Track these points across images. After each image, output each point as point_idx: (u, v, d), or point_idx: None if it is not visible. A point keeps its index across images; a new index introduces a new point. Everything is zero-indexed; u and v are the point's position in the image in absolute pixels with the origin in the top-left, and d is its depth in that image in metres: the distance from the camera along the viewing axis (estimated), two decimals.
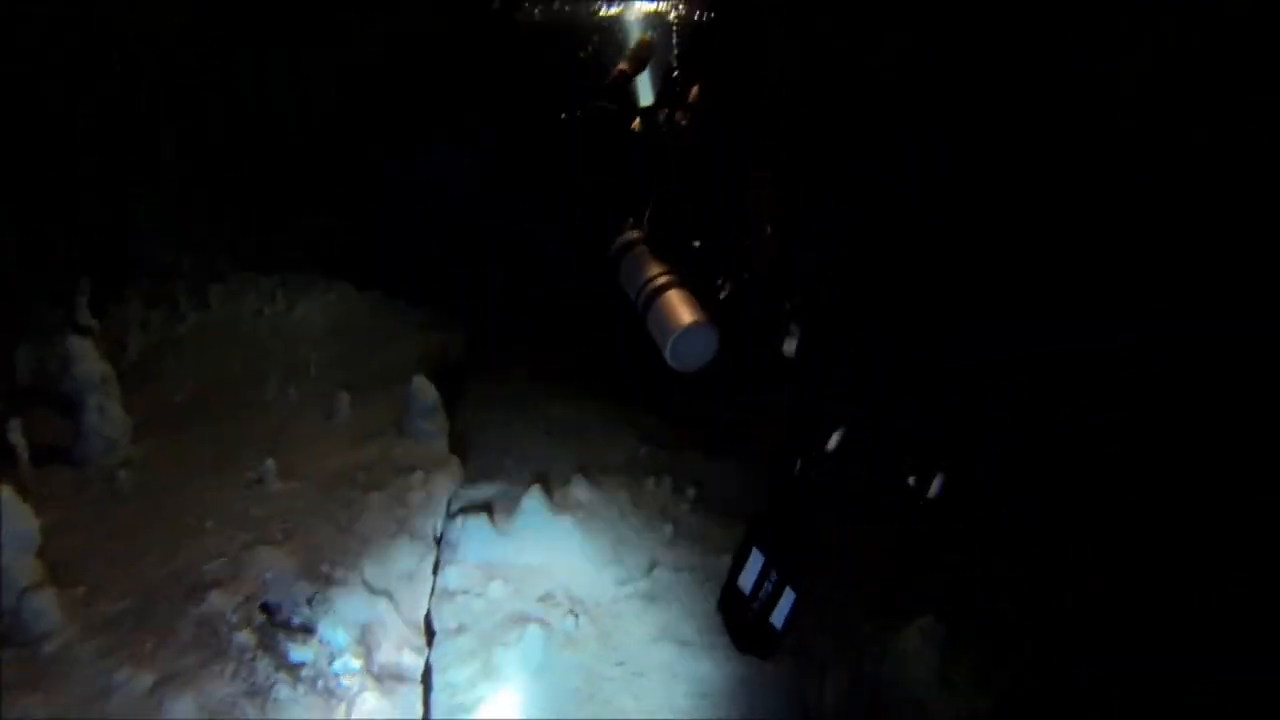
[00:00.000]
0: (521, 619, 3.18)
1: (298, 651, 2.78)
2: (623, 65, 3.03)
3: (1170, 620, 2.98)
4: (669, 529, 3.65)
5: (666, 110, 2.97)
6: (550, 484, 3.88)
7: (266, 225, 6.61)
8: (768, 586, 2.37)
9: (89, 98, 5.86)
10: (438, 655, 3.08)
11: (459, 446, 4.15)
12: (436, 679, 2.99)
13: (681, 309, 2.59)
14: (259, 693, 2.57)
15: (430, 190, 6.90)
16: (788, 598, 2.34)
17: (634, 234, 2.90)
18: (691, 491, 3.90)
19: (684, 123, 2.91)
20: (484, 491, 3.87)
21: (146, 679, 2.42)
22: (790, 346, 2.77)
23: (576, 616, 3.23)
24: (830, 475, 2.38)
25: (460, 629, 3.19)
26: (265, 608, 2.88)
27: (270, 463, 3.42)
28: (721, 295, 2.81)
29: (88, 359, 3.52)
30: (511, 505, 3.67)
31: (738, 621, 2.49)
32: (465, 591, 3.32)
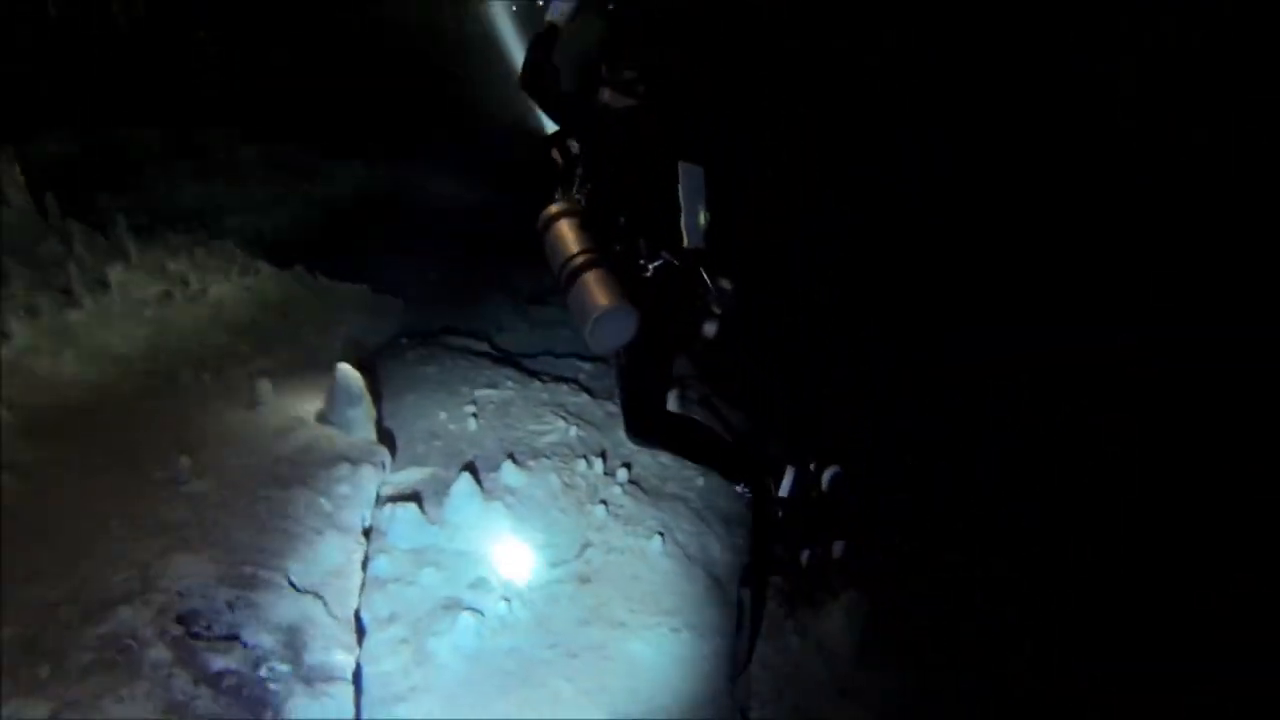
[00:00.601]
0: (454, 605, 3.02)
1: (219, 661, 2.50)
2: (552, 17, 2.81)
3: (1170, 620, 2.97)
4: (600, 511, 3.51)
5: (596, 90, 2.79)
6: (479, 469, 3.67)
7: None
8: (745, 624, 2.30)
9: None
10: (369, 645, 2.88)
11: (385, 434, 3.85)
12: (368, 669, 2.79)
13: (599, 290, 2.44)
14: (176, 709, 2.28)
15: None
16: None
17: (557, 207, 2.73)
18: (622, 473, 3.77)
19: (612, 102, 2.74)
20: (412, 478, 3.62)
21: (40, 710, 2.08)
22: (710, 329, 2.66)
23: (509, 601, 3.08)
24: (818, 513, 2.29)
25: (392, 618, 2.99)
26: (182, 618, 2.56)
27: (184, 460, 3.03)
28: (646, 274, 2.66)
29: None
30: (441, 492, 3.45)
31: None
32: (396, 580, 3.11)
